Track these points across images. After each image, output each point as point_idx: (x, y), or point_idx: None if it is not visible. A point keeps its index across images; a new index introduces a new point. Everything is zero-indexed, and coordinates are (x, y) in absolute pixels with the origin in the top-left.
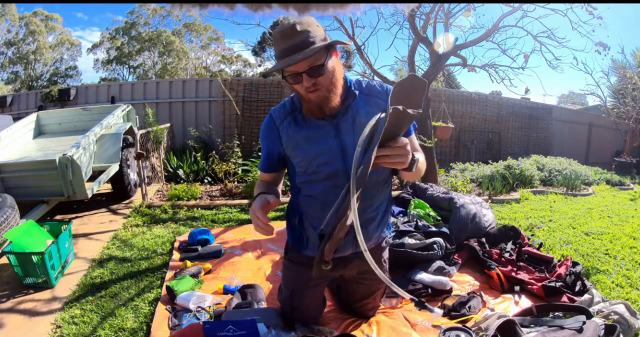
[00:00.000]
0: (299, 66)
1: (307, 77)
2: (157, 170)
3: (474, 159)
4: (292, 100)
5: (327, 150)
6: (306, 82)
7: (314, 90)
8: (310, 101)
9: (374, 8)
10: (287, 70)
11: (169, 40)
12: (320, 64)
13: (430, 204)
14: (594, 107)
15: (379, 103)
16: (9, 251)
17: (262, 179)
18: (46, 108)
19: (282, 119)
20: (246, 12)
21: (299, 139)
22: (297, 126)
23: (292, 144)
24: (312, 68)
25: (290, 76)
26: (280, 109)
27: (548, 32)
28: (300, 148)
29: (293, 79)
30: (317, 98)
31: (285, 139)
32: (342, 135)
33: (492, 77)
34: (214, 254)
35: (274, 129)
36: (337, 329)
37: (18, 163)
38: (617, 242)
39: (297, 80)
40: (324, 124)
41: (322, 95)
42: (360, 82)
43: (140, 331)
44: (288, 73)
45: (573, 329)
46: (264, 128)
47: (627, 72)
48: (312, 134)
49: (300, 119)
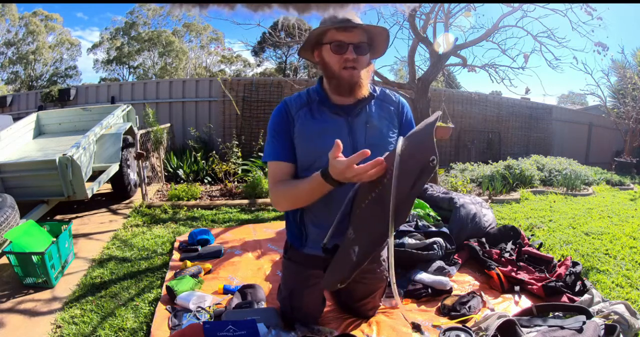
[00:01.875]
0: (350, 36)
1: (352, 50)
2: (157, 170)
3: (474, 159)
4: (307, 92)
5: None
6: (350, 54)
7: (352, 66)
8: (342, 78)
9: (373, 8)
10: (334, 38)
11: (169, 41)
12: (368, 43)
13: (430, 204)
14: (594, 107)
15: (391, 110)
16: (9, 251)
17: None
18: (46, 108)
19: (298, 109)
20: (246, 12)
21: (312, 131)
22: (312, 118)
23: (305, 135)
24: (361, 43)
25: (335, 44)
26: (296, 98)
27: (548, 32)
28: (312, 141)
29: (336, 48)
30: (351, 77)
31: (299, 129)
32: (355, 135)
33: (492, 77)
34: (214, 254)
35: (288, 117)
36: (337, 329)
37: (18, 163)
38: (617, 242)
39: (341, 51)
40: (338, 119)
41: (357, 75)
42: (375, 88)
43: (140, 331)
44: (334, 40)
45: (573, 329)
46: (278, 115)
47: (627, 72)
48: (326, 128)
49: (316, 111)
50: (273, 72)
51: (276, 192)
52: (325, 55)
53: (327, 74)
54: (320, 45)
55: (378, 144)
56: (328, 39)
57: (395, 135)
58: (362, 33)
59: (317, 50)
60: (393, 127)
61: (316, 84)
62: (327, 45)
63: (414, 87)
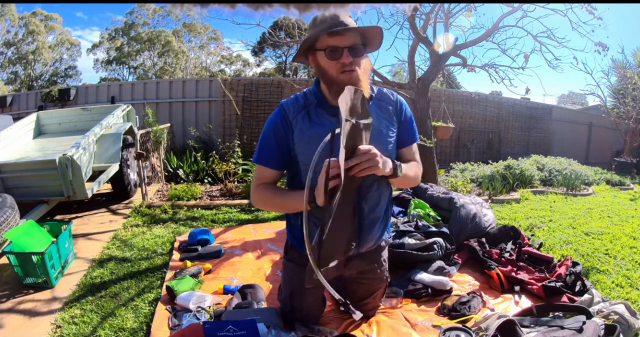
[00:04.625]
0: (343, 39)
1: (347, 54)
2: (157, 170)
3: (474, 159)
4: (305, 95)
5: None
6: (346, 58)
7: (350, 70)
8: (342, 83)
9: (374, 8)
10: (327, 43)
11: (167, 41)
12: (362, 44)
13: (430, 204)
14: (594, 107)
15: (389, 109)
16: (9, 251)
17: (265, 181)
18: (46, 108)
19: (296, 113)
20: (246, 11)
21: (312, 134)
22: (311, 122)
23: (305, 139)
24: (355, 45)
25: (329, 50)
26: (293, 102)
27: (548, 32)
28: (312, 144)
29: (331, 54)
30: (350, 80)
31: (298, 133)
32: None
33: (492, 77)
34: (214, 254)
35: (286, 122)
36: (337, 329)
37: (18, 163)
38: (617, 242)
39: (336, 56)
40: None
41: (355, 77)
42: (373, 87)
43: (140, 331)
44: (327, 46)
45: (573, 329)
46: (274, 121)
47: (627, 72)
48: (326, 131)
49: (314, 114)
50: (273, 72)
51: (257, 193)
52: (321, 61)
53: (326, 80)
54: (314, 51)
55: (378, 144)
56: (321, 44)
57: (394, 134)
58: (355, 34)
59: (311, 55)
60: (392, 126)
61: (313, 86)
62: (321, 51)
63: (414, 87)
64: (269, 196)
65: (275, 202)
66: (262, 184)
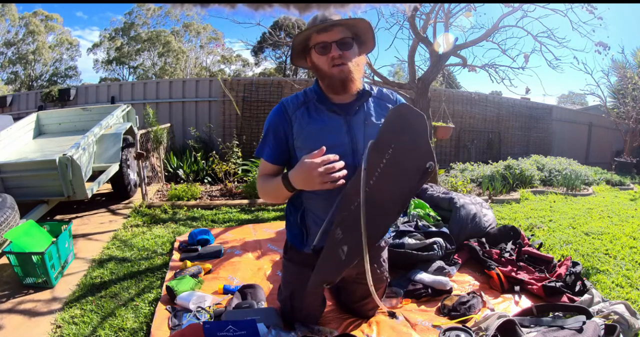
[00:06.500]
0: (331, 35)
1: (335, 47)
2: (157, 170)
3: (474, 159)
4: (305, 93)
5: (339, 145)
6: (334, 52)
7: (340, 63)
8: (333, 77)
9: (374, 8)
10: (317, 40)
11: (167, 40)
12: (350, 37)
13: (430, 204)
14: (594, 107)
15: (389, 108)
16: (9, 251)
17: (266, 173)
18: (46, 108)
19: (296, 109)
20: (247, 11)
21: (311, 130)
22: (310, 117)
23: (304, 135)
24: (343, 39)
25: (319, 46)
26: (293, 99)
27: (548, 32)
28: (312, 140)
29: (321, 50)
30: (341, 73)
31: (297, 129)
32: (354, 132)
33: (492, 77)
34: (214, 254)
35: (285, 117)
36: (337, 329)
37: (18, 163)
38: (617, 242)
39: (325, 51)
40: (336, 117)
41: (346, 70)
42: (373, 87)
43: (140, 331)
44: (317, 43)
45: (573, 329)
46: (274, 116)
47: (627, 72)
48: (324, 126)
49: (314, 110)
50: (272, 72)
51: (258, 184)
52: (314, 59)
53: (320, 76)
54: (309, 51)
55: None
56: (312, 42)
57: None
58: (343, 30)
59: (307, 56)
60: None
61: (314, 84)
62: (313, 49)
63: (414, 87)
64: (265, 185)
65: (267, 191)
66: (261, 176)
